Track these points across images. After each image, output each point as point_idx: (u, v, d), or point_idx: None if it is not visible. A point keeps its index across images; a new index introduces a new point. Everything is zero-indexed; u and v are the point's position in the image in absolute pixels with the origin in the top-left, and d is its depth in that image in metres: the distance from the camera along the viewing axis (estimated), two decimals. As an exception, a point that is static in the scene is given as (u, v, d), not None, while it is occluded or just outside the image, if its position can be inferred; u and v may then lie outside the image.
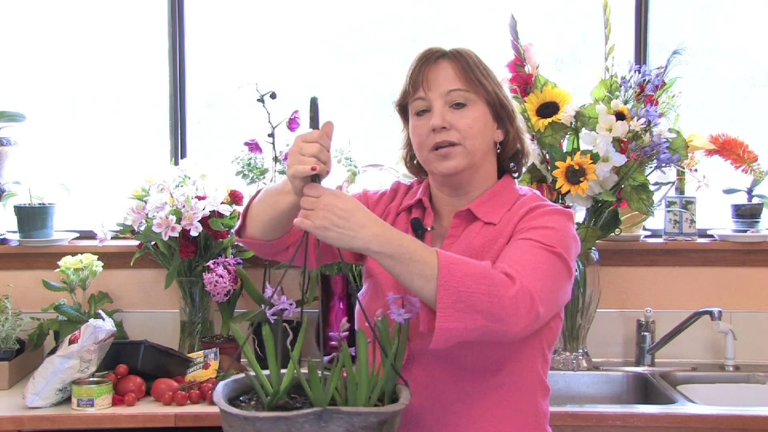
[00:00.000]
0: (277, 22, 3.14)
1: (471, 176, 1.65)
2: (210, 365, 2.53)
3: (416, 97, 1.64)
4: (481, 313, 1.37)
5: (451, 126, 1.60)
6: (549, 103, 2.57)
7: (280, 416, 1.29)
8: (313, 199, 1.39)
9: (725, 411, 2.28)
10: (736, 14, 3.09)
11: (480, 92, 1.62)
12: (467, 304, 1.37)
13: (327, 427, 1.28)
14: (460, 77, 1.62)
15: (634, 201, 2.54)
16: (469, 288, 1.37)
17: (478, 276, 1.39)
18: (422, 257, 1.40)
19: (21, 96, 3.09)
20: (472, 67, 1.63)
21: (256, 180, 2.86)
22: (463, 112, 1.61)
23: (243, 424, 1.31)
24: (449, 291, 1.37)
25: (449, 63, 1.63)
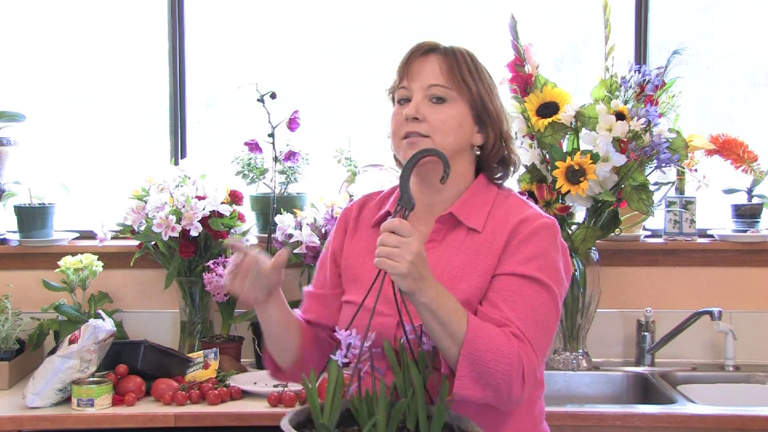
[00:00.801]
0: (277, 22, 3.14)
1: (438, 170, 1.59)
2: (210, 365, 2.53)
3: (400, 86, 1.65)
4: (492, 387, 1.45)
5: (423, 118, 1.61)
6: (549, 103, 2.57)
7: None
8: (401, 240, 1.40)
9: (725, 411, 2.28)
10: (736, 14, 3.09)
11: (463, 92, 1.62)
12: (483, 377, 1.45)
13: None
14: (444, 73, 1.62)
15: (634, 201, 2.54)
16: (488, 365, 1.45)
17: (499, 355, 1.45)
18: (457, 321, 1.45)
19: (21, 96, 3.09)
20: (461, 65, 1.64)
21: (256, 180, 2.86)
22: (440, 107, 1.61)
23: None
24: (469, 362, 1.44)
25: (438, 58, 1.64)
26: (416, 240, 1.41)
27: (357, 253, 1.71)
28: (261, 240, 2.86)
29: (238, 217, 2.77)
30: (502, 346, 1.46)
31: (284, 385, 2.34)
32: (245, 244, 1.55)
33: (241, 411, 2.31)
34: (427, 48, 1.66)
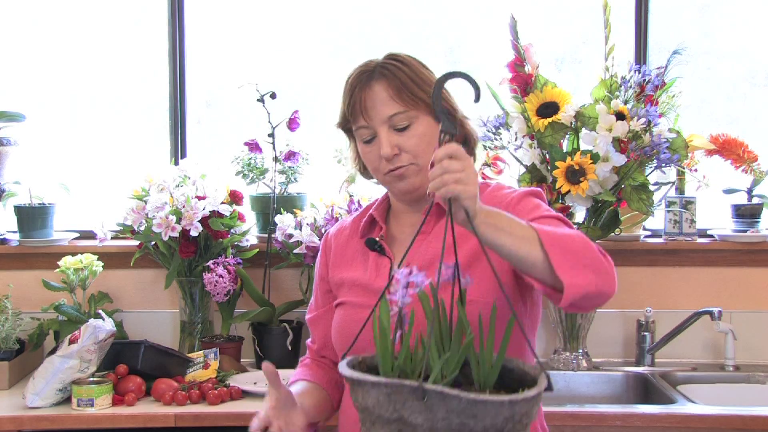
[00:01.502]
0: (277, 22, 3.14)
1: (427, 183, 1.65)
2: (210, 365, 2.53)
3: (359, 125, 1.65)
4: (590, 270, 1.39)
5: (400, 150, 1.62)
6: (549, 103, 2.57)
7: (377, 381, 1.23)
8: (463, 163, 1.33)
9: (725, 411, 2.28)
10: (736, 14, 3.09)
11: (419, 105, 1.62)
12: (578, 260, 1.39)
13: (433, 410, 1.20)
14: (396, 99, 1.62)
15: (634, 201, 2.54)
16: (571, 246, 1.40)
17: (571, 236, 1.41)
18: (520, 224, 1.40)
19: (21, 96, 3.09)
20: (405, 82, 1.63)
21: (256, 180, 2.86)
22: (408, 134, 1.62)
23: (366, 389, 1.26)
24: (558, 249, 1.38)
25: (382, 85, 1.63)
26: (471, 163, 1.36)
27: (346, 261, 1.75)
28: (261, 240, 2.86)
29: (238, 217, 2.77)
30: (565, 230, 1.44)
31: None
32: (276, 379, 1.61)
33: (241, 411, 2.31)
34: (366, 74, 1.65)
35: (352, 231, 1.79)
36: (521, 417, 1.22)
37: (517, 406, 1.20)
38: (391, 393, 1.22)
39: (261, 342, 2.72)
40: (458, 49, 3.14)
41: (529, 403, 1.21)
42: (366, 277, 1.68)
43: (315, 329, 1.85)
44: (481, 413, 1.18)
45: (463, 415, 1.19)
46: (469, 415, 1.19)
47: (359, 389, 1.26)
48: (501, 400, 1.18)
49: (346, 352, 1.41)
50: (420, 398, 1.19)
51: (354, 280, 1.71)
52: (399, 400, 1.21)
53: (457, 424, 1.19)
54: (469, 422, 1.19)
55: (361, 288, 1.69)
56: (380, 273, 1.67)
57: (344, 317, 1.70)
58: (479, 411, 1.18)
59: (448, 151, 1.34)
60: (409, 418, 1.21)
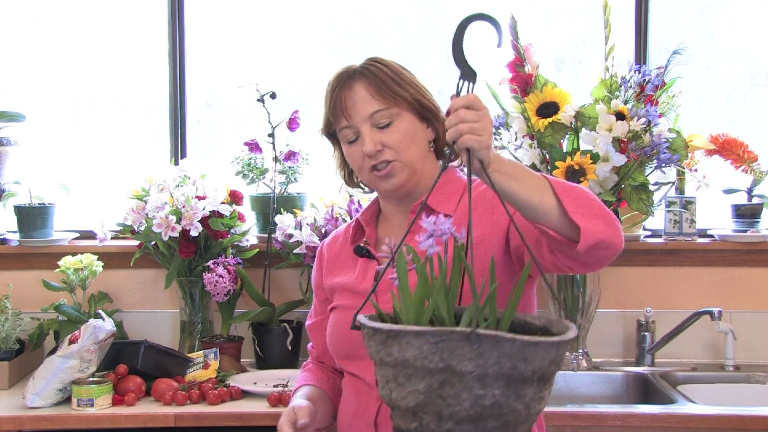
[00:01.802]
0: (277, 22, 3.14)
1: (416, 184, 1.68)
2: (210, 365, 2.53)
3: (342, 126, 1.67)
4: (599, 218, 1.39)
5: (383, 146, 1.63)
6: (549, 103, 2.57)
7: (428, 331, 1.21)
8: (479, 113, 1.34)
9: (725, 411, 2.28)
10: (736, 14, 3.09)
11: (400, 103, 1.64)
12: (587, 209, 1.39)
13: (482, 352, 1.18)
14: (376, 97, 1.64)
15: (634, 201, 2.54)
16: (580, 195, 1.40)
17: (578, 187, 1.42)
18: (531, 172, 1.41)
19: (21, 96, 3.09)
20: (386, 81, 1.64)
21: (256, 180, 2.86)
22: (390, 130, 1.64)
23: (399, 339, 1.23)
24: (569, 197, 1.38)
25: (362, 84, 1.65)
26: (487, 112, 1.36)
27: (338, 268, 1.78)
28: (261, 240, 2.86)
29: (238, 217, 2.77)
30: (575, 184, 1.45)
31: (284, 384, 2.36)
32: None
33: (241, 411, 2.31)
34: (346, 76, 1.67)
35: (345, 238, 1.82)
36: (560, 360, 1.27)
37: (561, 347, 1.24)
38: (439, 341, 1.19)
39: (261, 342, 2.72)
40: (458, 49, 3.13)
41: (566, 347, 1.26)
42: (353, 281, 1.71)
43: (314, 336, 1.90)
44: (532, 356, 1.20)
45: (516, 359, 1.19)
46: (520, 359, 1.19)
47: (396, 343, 1.22)
48: (551, 341, 1.21)
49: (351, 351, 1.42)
50: (473, 345, 1.18)
51: (344, 284, 1.74)
52: (447, 349, 1.19)
53: (508, 367, 1.20)
54: (520, 366, 1.20)
55: (349, 291, 1.71)
56: (367, 276, 1.69)
57: (335, 320, 1.73)
58: (530, 353, 1.20)
59: (465, 101, 1.34)
60: (457, 366, 1.20)
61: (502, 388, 1.21)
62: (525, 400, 1.23)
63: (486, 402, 1.21)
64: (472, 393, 1.21)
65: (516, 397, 1.22)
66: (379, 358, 1.26)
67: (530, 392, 1.23)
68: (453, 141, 1.33)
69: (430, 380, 1.22)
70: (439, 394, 1.22)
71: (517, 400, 1.22)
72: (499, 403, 1.21)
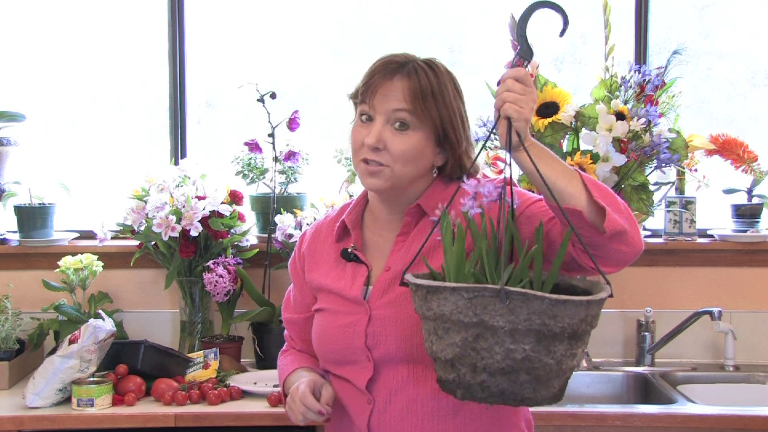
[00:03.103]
0: (277, 22, 3.14)
1: (397, 195, 1.65)
2: (210, 365, 2.53)
3: (363, 103, 1.64)
4: (623, 213, 1.43)
5: (384, 147, 1.59)
6: (549, 103, 2.57)
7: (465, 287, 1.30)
8: (526, 88, 1.42)
9: (725, 411, 2.28)
10: (736, 15, 3.09)
11: (424, 120, 1.59)
12: (611, 201, 1.43)
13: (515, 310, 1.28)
14: (408, 99, 1.59)
15: (634, 201, 2.54)
16: (606, 190, 1.45)
17: (604, 185, 1.46)
18: (560, 160, 1.46)
19: (21, 96, 3.09)
20: (424, 92, 1.59)
21: (256, 180, 2.86)
22: (401, 136, 1.59)
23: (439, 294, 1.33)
24: (596, 188, 1.43)
25: (402, 81, 1.60)
26: (533, 88, 1.43)
27: (324, 269, 1.73)
28: (261, 240, 2.86)
29: (238, 217, 2.77)
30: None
31: None
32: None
33: (241, 411, 2.31)
34: (394, 66, 1.62)
35: (328, 234, 1.76)
36: (592, 319, 1.33)
37: (592, 306, 1.31)
38: (473, 297, 1.29)
39: (261, 342, 2.72)
40: (458, 49, 3.14)
41: (600, 305, 1.33)
42: (341, 286, 1.67)
43: (295, 330, 1.84)
44: (561, 313, 1.28)
45: (545, 316, 1.27)
46: (549, 316, 1.27)
47: (435, 298, 1.33)
48: (580, 300, 1.29)
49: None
50: (503, 301, 1.27)
51: (331, 288, 1.70)
52: (480, 304, 1.29)
53: (538, 324, 1.28)
54: (549, 323, 1.28)
55: (337, 296, 1.68)
56: (356, 282, 1.66)
57: (324, 324, 1.69)
58: (559, 311, 1.28)
59: (516, 74, 1.42)
60: (490, 321, 1.28)
61: (533, 343, 1.29)
62: (556, 356, 1.30)
63: (517, 356, 1.29)
64: (504, 347, 1.29)
65: (546, 353, 1.29)
66: (422, 312, 1.36)
67: (561, 348, 1.30)
68: (498, 108, 1.41)
69: (466, 334, 1.31)
70: (473, 347, 1.31)
71: (548, 356, 1.30)
72: (530, 357, 1.29)
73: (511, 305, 1.26)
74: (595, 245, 1.43)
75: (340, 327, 1.64)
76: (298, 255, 1.81)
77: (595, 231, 1.42)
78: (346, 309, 1.65)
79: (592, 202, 1.41)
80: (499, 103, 1.41)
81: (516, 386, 1.32)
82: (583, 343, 1.34)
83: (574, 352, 1.32)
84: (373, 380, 1.60)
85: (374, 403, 1.60)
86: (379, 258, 1.67)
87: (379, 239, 1.69)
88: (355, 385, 1.63)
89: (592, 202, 1.41)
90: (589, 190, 1.42)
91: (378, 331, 1.60)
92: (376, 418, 1.60)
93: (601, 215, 1.40)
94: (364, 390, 1.61)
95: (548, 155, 1.46)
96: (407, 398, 1.58)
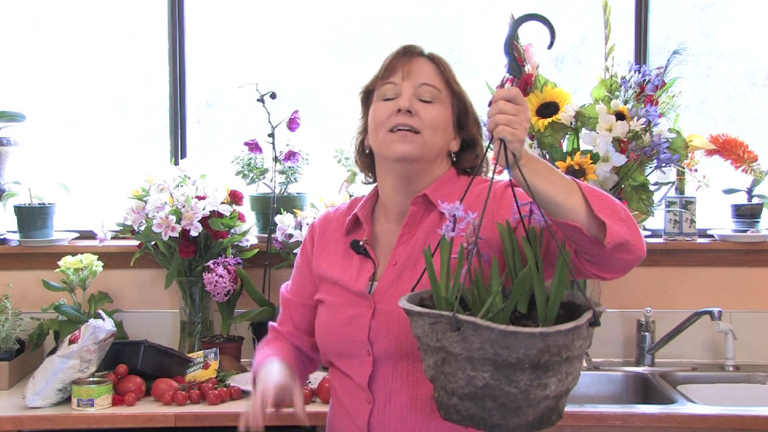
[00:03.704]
0: (277, 22, 3.14)
1: (420, 172, 1.65)
2: (210, 365, 2.53)
3: (387, 81, 1.65)
4: (624, 222, 1.43)
5: (416, 113, 1.62)
6: (549, 103, 2.57)
7: (424, 312, 1.33)
8: (518, 108, 1.39)
9: (725, 411, 2.28)
10: (736, 14, 3.09)
11: (451, 95, 1.66)
12: (612, 211, 1.42)
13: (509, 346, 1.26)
14: (435, 75, 1.66)
15: (634, 201, 2.54)
16: (606, 199, 1.44)
17: (605, 193, 1.46)
18: (560, 173, 1.45)
19: (21, 96, 3.09)
20: (448, 70, 1.68)
21: (256, 180, 2.86)
22: (428, 107, 1.64)
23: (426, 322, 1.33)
24: (596, 199, 1.42)
25: (426, 61, 1.68)
26: (527, 108, 1.41)
27: (331, 260, 1.74)
28: (261, 240, 2.86)
29: (238, 217, 2.77)
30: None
31: None
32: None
33: (241, 411, 2.30)
34: (416, 52, 1.68)
35: (338, 225, 1.77)
36: (559, 350, 1.27)
37: (550, 338, 1.24)
38: (433, 323, 1.30)
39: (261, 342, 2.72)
40: (458, 49, 3.14)
41: (566, 336, 1.26)
42: (347, 278, 1.68)
43: (289, 312, 1.83)
44: (513, 344, 1.24)
45: (497, 346, 1.24)
46: (502, 346, 1.24)
47: (412, 320, 1.36)
48: (532, 332, 1.24)
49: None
50: (453, 329, 1.26)
51: (336, 279, 1.70)
52: (440, 330, 1.29)
53: (491, 354, 1.25)
54: (503, 353, 1.25)
55: (341, 288, 1.68)
56: (361, 276, 1.67)
57: (327, 317, 1.70)
58: (511, 342, 1.24)
59: (507, 94, 1.39)
60: (449, 347, 1.28)
61: (491, 371, 1.27)
62: (519, 386, 1.27)
63: (478, 383, 1.28)
64: (465, 373, 1.28)
65: (507, 382, 1.27)
66: (412, 330, 1.38)
67: (524, 378, 1.26)
68: (490, 130, 1.40)
69: (435, 357, 1.32)
70: (442, 371, 1.32)
71: (509, 385, 1.27)
72: (490, 385, 1.27)
73: (464, 333, 1.25)
74: (596, 255, 1.44)
75: (344, 319, 1.65)
76: (310, 240, 1.81)
77: (596, 244, 1.42)
78: (350, 302, 1.65)
79: (592, 216, 1.41)
80: (492, 126, 1.39)
81: (484, 412, 1.31)
82: (556, 373, 1.29)
83: (544, 382, 1.28)
84: (373, 378, 1.61)
85: (374, 403, 1.61)
86: (386, 253, 1.67)
87: (387, 233, 1.70)
88: (354, 381, 1.64)
89: (592, 216, 1.41)
90: (590, 203, 1.41)
91: (381, 325, 1.60)
92: (376, 417, 1.60)
93: (603, 228, 1.40)
94: (365, 388, 1.61)
95: (546, 169, 1.44)
96: (407, 398, 1.58)
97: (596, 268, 1.48)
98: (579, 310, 1.39)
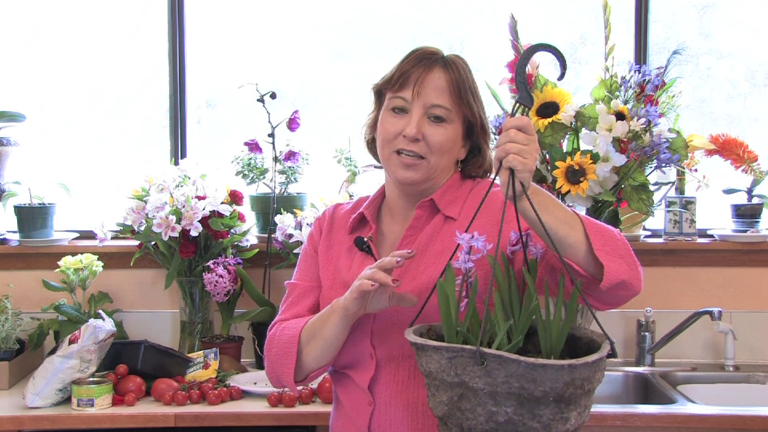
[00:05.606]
0: (277, 22, 3.14)
1: (426, 188, 1.66)
2: (210, 365, 2.53)
3: (398, 94, 1.63)
4: (623, 259, 1.42)
5: (423, 138, 1.60)
6: (549, 103, 2.56)
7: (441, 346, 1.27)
8: (529, 138, 1.37)
9: (725, 411, 2.28)
10: (736, 14, 3.09)
11: (460, 113, 1.63)
12: (612, 248, 1.41)
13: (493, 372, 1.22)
14: (448, 94, 1.61)
15: (634, 201, 2.53)
16: (608, 234, 1.43)
17: (607, 227, 1.44)
18: (565, 208, 1.43)
19: (21, 96, 3.09)
20: (465, 84, 1.63)
21: (256, 180, 2.86)
22: (438, 128, 1.61)
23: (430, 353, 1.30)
24: (597, 236, 1.41)
25: (443, 73, 1.62)
26: (536, 138, 1.39)
27: (335, 255, 1.73)
28: (261, 240, 2.86)
29: (238, 217, 2.77)
30: (603, 223, 1.47)
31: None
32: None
33: (241, 411, 2.31)
34: (433, 58, 1.63)
35: (342, 224, 1.76)
36: (582, 382, 1.24)
37: (576, 371, 1.22)
38: (453, 357, 1.25)
39: (261, 342, 2.72)
40: (458, 49, 3.13)
41: (590, 369, 1.24)
42: (349, 275, 1.67)
43: (292, 291, 1.76)
44: (540, 377, 1.21)
45: (523, 380, 1.21)
46: (528, 380, 1.21)
47: (423, 355, 1.30)
48: (560, 364, 1.21)
49: None
50: (479, 362, 1.22)
51: (336, 275, 1.70)
52: (460, 365, 1.25)
53: (517, 388, 1.22)
54: (529, 386, 1.21)
55: (342, 284, 1.67)
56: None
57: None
58: (538, 375, 1.21)
59: (518, 122, 1.37)
60: (470, 382, 1.24)
61: (515, 406, 1.23)
62: (542, 420, 1.24)
63: (500, 419, 1.24)
64: (486, 409, 1.24)
65: (531, 416, 1.23)
66: (419, 365, 1.33)
67: (548, 412, 1.23)
68: (500, 159, 1.36)
69: (451, 393, 1.27)
70: (458, 407, 1.26)
71: (533, 419, 1.23)
72: (513, 420, 1.24)
73: (488, 367, 1.22)
74: (591, 289, 1.44)
75: None
76: (318, 229, 1.79)
77: (592, 281, 1.42)
78: None
79: (591, 254, 1.40)
80: (502, 154, 1.36)
81: None
82: (577, 407, 1.27)
83: (566, 416, 1.25)
84: (374, 380, 1.61)
85: (375, 405, 1.60)
86: (389, 253, 1.65)
87: (391, 234, 1.70)
88: (356, 383, 1.63)
89: (591, 254, 1.40)
90: (590, 240, 1.40)
91: (382, 328, 1.60)
92: (377, 420, 1.60)
93: (601, 268, 1.39)
94: (366, 390, 1.61)
95: (550, 201, 1.43)
96: (407, 401, 1.58)
97: (590, 298, 1.47)
98: (579, 342, 1.38)
